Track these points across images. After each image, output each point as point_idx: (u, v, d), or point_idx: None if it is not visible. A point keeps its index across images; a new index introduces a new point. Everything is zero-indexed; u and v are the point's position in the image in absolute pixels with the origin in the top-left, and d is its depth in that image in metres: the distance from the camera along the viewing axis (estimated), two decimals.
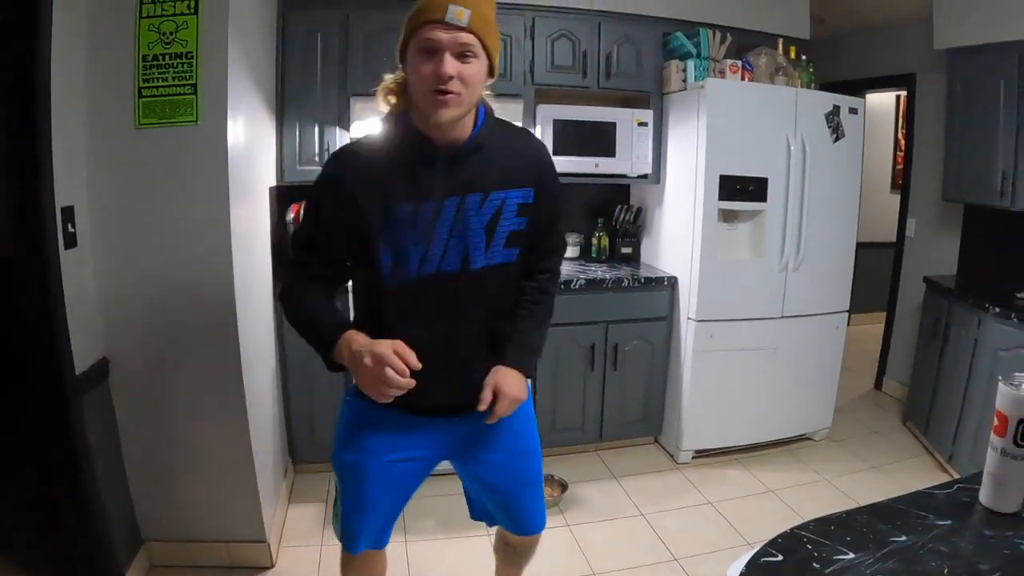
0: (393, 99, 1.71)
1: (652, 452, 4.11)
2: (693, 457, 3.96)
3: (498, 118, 1.80)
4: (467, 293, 1.72)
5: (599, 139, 3.89)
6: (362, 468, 1.83)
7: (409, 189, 1.63)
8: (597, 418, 3.95)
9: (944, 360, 3.96)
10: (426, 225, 1.64)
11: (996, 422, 1.31)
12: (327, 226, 1.66)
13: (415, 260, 1.65)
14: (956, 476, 3.63)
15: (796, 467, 3.93)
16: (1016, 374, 1.31)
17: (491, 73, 1.64)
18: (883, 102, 6.89)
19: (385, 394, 1.48)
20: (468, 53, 1.53)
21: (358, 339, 1.54)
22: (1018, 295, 3.66)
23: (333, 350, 1.59)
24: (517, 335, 1.85)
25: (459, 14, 1.49)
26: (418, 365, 1.47)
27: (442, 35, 1.50)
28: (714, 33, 3.86)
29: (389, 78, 1.72)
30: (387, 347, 1.47)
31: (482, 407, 1.72)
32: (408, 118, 1.66)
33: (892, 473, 3.87)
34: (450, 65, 1.51)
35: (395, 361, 1.45)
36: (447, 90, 1.52)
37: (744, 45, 4.02)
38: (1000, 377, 1.31)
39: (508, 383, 1.75)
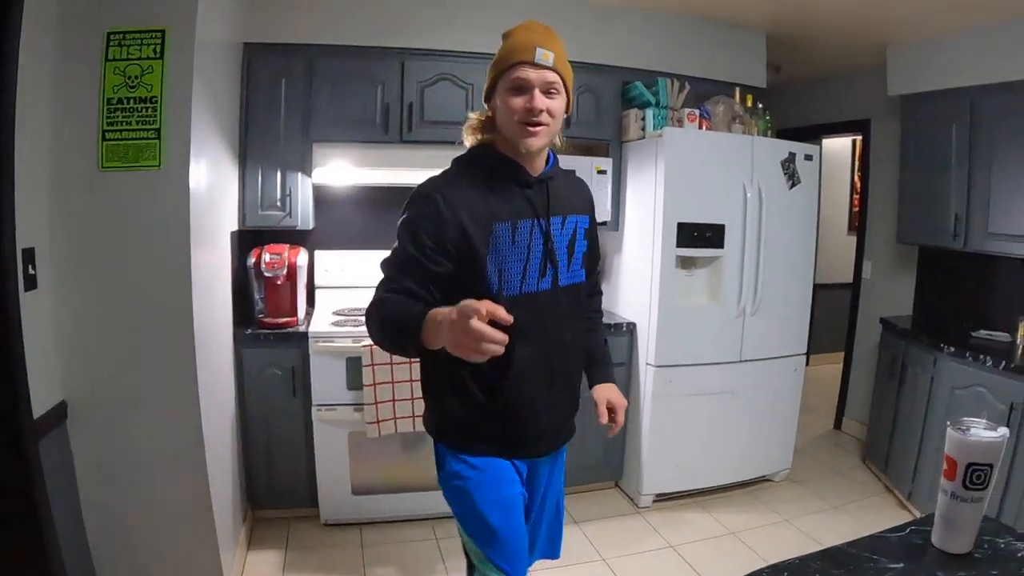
0: (479, 135, 1.86)
1: (613, 497, 4.09)
2: (654, 501, 3.95)
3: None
4: (559, 310, 1.85)
5: None
6: (513, 528, 1.84)
7: (507, 209, 1.76)
8: None
9: (902, 399, 4.02)
10: (524, 242, 1.77)
11: (945, 466, 1.34)
12: (430, 248, 1.68)
13: (517, 277, 1.76)
14: (916, 512, 3.70)
15: (757, 508, 3.94)
16: (964, 419, 1.34)
17: (567, 108, 1.80)
18: (840, 146, 7.06)
19: (477, 349, 1.37)
20: (553, 90, 1.73)
21: (442, 310, 1.48)
22: (972, 334, 3.77)
23: (421, 332, 1.52)
24: (600, 353, 2.13)
25: (545, 55, 1.69)
26: (509, 319, 1.40)
27: (531, 74, 1.69)
28: (672, 82, 3.95)
29: (473, 116, 1.88)
30: (473, 302, 1.38)
31: (603, 420, 1.98)
32: (494, 148, 1.81)
33: (853, 512, 3.90)
34: (540, 100, 1.69)
35: (480, 309, 1.36)
36: (538, 122, 1.71)
37: (702, 94, 4.10)
38: (949, 422, 1.35)
39: (618, 396, 2.04)
